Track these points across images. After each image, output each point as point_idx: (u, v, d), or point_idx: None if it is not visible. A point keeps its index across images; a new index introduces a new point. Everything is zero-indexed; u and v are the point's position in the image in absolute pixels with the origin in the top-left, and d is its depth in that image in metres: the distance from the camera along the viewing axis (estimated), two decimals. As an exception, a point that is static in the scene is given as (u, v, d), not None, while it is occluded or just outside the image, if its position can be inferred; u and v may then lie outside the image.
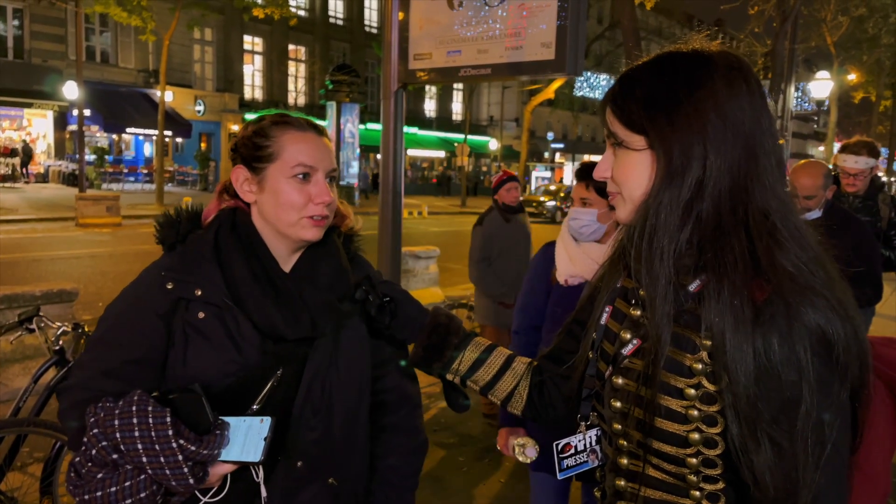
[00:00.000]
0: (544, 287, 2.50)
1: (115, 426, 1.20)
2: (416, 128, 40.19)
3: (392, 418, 1.65)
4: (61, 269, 11.03)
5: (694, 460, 1.05)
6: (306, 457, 1.43)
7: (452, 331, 1.43)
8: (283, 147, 1.42)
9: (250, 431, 1.26)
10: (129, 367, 1.38)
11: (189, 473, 1.19)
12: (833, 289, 1.01)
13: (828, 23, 25.93)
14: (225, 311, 1.39)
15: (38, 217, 18.01)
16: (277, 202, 1.41)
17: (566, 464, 1.39)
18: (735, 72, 1.06)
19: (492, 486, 4.07)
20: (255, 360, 1.39)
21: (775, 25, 15.62)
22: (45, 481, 3.22)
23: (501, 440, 2.46)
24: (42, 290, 5.22)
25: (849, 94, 32.63)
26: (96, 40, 29.34)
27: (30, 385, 3.30)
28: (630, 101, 1.10)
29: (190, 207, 1.52)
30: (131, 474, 1.21)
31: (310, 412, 1.43)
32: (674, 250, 1.05)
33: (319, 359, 1.45)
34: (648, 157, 1.08)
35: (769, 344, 0.96)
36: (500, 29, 2.79)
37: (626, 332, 1.17)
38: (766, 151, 1.05)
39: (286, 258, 1.48)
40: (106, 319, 1.44)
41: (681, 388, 1.05)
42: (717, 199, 1.04)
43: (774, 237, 1.02)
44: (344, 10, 39.22)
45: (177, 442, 1.19)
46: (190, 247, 1.43)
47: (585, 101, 49.80)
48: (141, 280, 1.45)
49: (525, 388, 1.42)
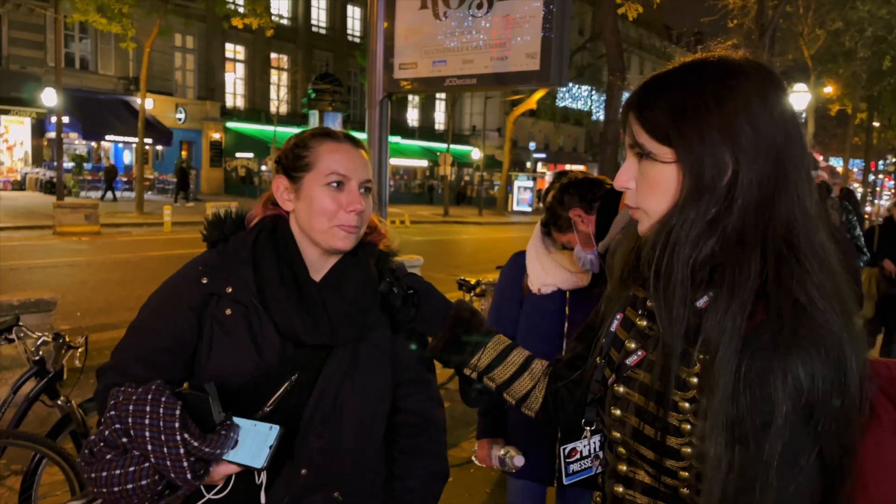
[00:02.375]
0: (517, 296, 2.50)
1: (129, 411, 1.24)
2: (398, 137, 40.22)
3: (415, 440, 1.63)
4: (39, 277, 10.87)
5: (686, 473, 1.04)
6: (311, 465, 1.44)
7: (475, 326, 1.43)
8: (319, 157, 1.47)
9: (258, 437, 1.27)
10: (161, 356, 1.44)
11: (189, 468, 1.22)
12: (837, 319, 0.97)
13: (805, 36, 26.29)
14: (251, 311, 1.44)
15: (15, 225, 17.75)
16: (311, 209, 1.46)
17: (572, 469, 1.39)
18: (767, 82, 1.03)
19: (478, 495, 4.07)
20: (273, 362, 1.43)
21: (754, 38, 15.85)
22: (24, 494, 3.16)
23: (482, 451, 2.44)
24: (20, 300, 5.15)
25: (825, 107, 33.06)
26: (76, 47, 29.13)
27: (9, 396, 3.26)
28: (658, 112, 1.05)
29: (235, 211, 1.58)
30: (137, 460, 1.24)
31: (319, 420, 1.44)
32: (692, 266, 1.02)
33: (335, 367, 1.46)
34: (676, 169, 1.04)
35: (750, 368, 0.95)
36: (485, 39, 2.81)
37: (631, 342, 1.15)
38: (795, 164, 1.02)
39: (319, 267, 1.52)
40: (146, 307, 1.51)
41: (676, 401, 1.04)
42: (744, 213, 1.00)
43: (795, 254, 0.99)
44: (327, 20, 39.23)
45: (181, 435, 1.21)
46: (230, 246, 1.50)
47: (567, 112, 50.12)
48: (181, 272, 1.52)
49: (542, 390, 1.42)
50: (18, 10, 26.19)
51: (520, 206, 40.96)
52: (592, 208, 2.26)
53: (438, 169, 37.14)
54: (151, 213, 21.45)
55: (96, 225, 17.52)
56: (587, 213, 2.29)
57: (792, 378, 0.94)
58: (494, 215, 35.95)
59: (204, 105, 33.29)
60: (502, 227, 29.73)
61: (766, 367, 0.94)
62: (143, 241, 16.53)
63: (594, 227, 2.23)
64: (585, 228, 2.29)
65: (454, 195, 41.59)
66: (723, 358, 0.97)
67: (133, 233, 18.56)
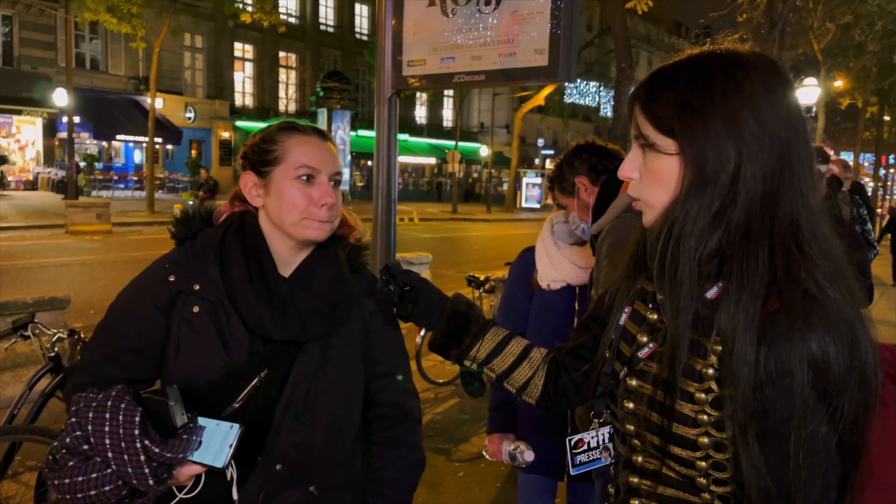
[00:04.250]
0: (526, 292, 2.52)
1: (89, 418, 1.23)
2: (407, 134, 40.23)
3: (391, 432, 1.64)
4: (51, 276, 10.96)
5: (703, 463, 1.06)
6: (285, 460, 1.43)
7: (472, 318, 1.45)
8: (287, 150, 1.46)
9: (219, 436, 1.27)
10: (127, 355, 1.44)
11: (150, 474, 1.21)
12: (848, 306, 0.99)
13: (815, 30, 26.12)
14: (218, 308, 1.43)
15: (28, 224, 17.91)
16: (282, 203, 1.46)
17: (579, 459, 1.41)
18: (773, 76, 1.03)
19: (488, 490, 4.08)
20: (242, 359, 1.42)
21: (763, 32, 15.75)
22: (40, 489, 3.20)
23: (493, 446, 2.46)
24: (34, 298, 5.19)
25: (836, 101, 32.85)
26: (86, 47, 29.25)
27: (25, 392, 3.29)
28: (663, 104, 1.05)
29: (204, 207, 1.57)
30: (99, 466, 1.23)
31: (292, 415, 1.44)
32: (697, 259, 1.03)
33: (306, 362, 1.46)
34: (678, 161, 1.05)
35: (768, 358, 0.96)
36: (493, 36, 2.82)
37: (643, 336, 1.16)
38: (800, 158, 1.03)
39: (289, 262, 1.52)
40: (113, 307, 1.50)
41: (691, 392, 1.05)
42: (749, 206, 1.01)
43: (800, 246, 1.00)
44: (335, 18, 39.25)
45: (141, 442, 1.21)
46: (197, 244, 1.48)
47: (575, 108, 49.97)
48: (147, 271, 1.51)
49: (541, 378, 1.44)
50: (29, 11, 26.32)
51: (528, 203, 40.92)
52: (599, 180, 2.25)
53: (447, 166, 37.15)
54: (162, 212, 21.55)
55: (108, 224, 17.65)
56: (592, 183, 2.28)
57: (809, 364, 0.95)
58: (503, 212, 35.93)
59: (213, 104, 33.37)
60: (511, 224, 29.72)
61: (784, 356, 0.96)
62: (155, 240, 16.61)
63: (594, 199, 2.22)
64: (586, 198, 2.29)
65: (462, 192, 41.58)
66: (741, 350, 0.98)
67: (144, 231, 18.67)
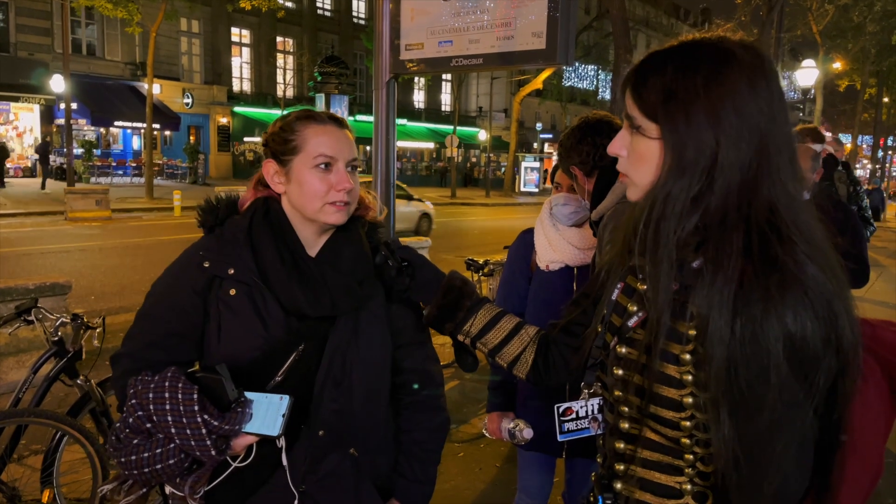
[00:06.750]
0: (525, 273, 2.55)
1: (150, 399, 1.33)
2: (405, 119, 40.14)
3: (416, 397, 1.75)
4: (52, 262, 10.99)
5: (688, 423, 1.10)
6: (328, 427, 1.53)
7: (466, 294, 1.52)
8: (305, 140, 1.54)
9: (271, 407, 1.36)
10: (171, 339, 1.54)
11: (212, 445, 1.32)
12: (828, 283, 1.01)
13: (813, 11, 26.03)
14: (254, 290, 1.52)
15: (27, 211, 17.90)
16: (302, 191, 1.54)
17: (567, 427, 1.46)
18: (757, 69, 1.07)
19: (488, 470, 4.14)
20: (280, 336, 1.51)
21: (762, 14, 15.68)
22: (46, 472, 3.25)
23: (493, 424, 2.50)
24: (35, 283, 5.23)
25: (834, 83, 32.81)
26: (82, 33, 29.10)
27: (29, 376, 3.32)
28: (650, 90, 1.10)
29: (228, 196, 1.64)
30: (162, 442, 1.34)
31: (331, 385, 1.53)
32: (677, 238, 1.07)
33: (339, 336, 1.55)
34: (659, 146, 1.10)
35: (744, 330, 0.99)
36: (491, 19, 2.82)
37: (633, 305, 1.21)
38: (779, 148, 1.06)
39: (313, 243, 1.60)
40: (151, 295, 1.59)
41: (676, 354, 1.09)
42: (726, 192, 1.05)
43: (778, 231, 1.03)
44: (332, 2, 39.00)
45: (202, 417, 1.31)
46: (227, 230, 1.57)
47: (574, 92, 49.80)
48: (181, 259, 1.59)
49: (531, 353, 1.50)
50: (24, -3, 26.18)
51: (527, 188, 40.85)
52: (592, 174, 2.26)
53: (445, 151, 37.07)
54: (161, 199, 21.54)
55: (107, 210, 17.65)
56: (587, 175, 2.29)
57: (783, 330, 0.98)
58: (502, 196, 35.90)
59: (211, 89, 33.26)
60: (510, 209, 29.70)
61: (759, 320, 0.99)
62: (154, 226, 16.64)
63: (591, 187, 2.23)
64: (583, 184, 2.31)
65: (461, 177, 41.51)
66: (715, 322, 1.01)
67: (144, 217, 18.67)
